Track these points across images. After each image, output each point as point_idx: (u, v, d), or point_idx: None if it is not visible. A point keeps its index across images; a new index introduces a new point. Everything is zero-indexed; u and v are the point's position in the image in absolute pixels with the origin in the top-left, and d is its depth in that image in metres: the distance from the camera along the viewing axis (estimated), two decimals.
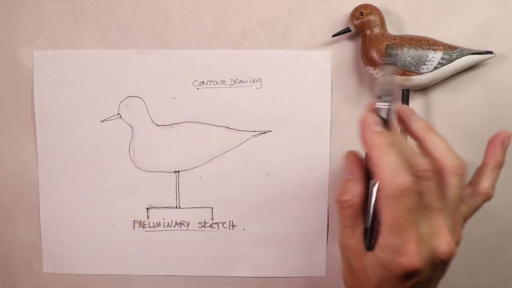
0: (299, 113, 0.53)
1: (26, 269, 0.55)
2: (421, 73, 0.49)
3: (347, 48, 0.53)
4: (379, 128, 0.36)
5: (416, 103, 0.53)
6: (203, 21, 0.53)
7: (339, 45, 0.53)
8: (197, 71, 0.53)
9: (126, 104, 0.53)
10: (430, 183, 0.36)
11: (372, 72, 0.50)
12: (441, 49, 0.49)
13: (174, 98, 0.53)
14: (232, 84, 0.53)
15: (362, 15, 0.49)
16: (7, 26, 0.52)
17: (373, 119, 0.37)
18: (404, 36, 0.49)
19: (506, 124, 0.53)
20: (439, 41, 0.49)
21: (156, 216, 0.54)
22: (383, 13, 0.50)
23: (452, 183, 0.37)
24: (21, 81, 0.53)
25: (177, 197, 0.54)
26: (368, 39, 0.50)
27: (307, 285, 0.55)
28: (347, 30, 0.51)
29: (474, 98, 0.53)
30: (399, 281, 0.35)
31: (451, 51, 0.49)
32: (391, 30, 0.51)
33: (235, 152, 0.54)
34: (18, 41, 0.53)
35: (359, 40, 0.51)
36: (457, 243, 0.37)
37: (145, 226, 0.54)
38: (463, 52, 0.49)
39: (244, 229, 0.54)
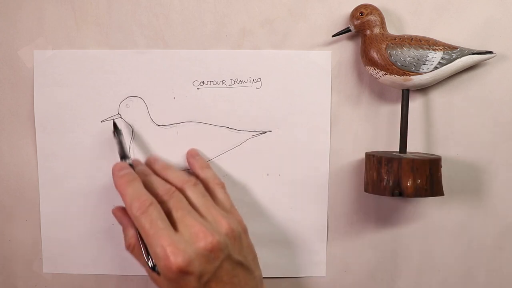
0: (299, 113, 0.53)
1: (26, 269, 0.55)
2: (421, 73, 0.49)
3: (347, 48, 0.53)
4: (122, 172, 0.46)
5: (416, 103, 0.53)
6: (203, 21, 0.53)
7: (339, 45, 0.53)
8: (197, 71, 0.53)
9: (126, 104, 0.53)
10: (176, 198, 0.45)
11: (372, 72, 0.50)
12: (441, 49, 0.49)
13: (174, 98, 0.53)
14: (232, 84, 0.53)
15: (362, 15, 0.49)
16: (7, 26, 0.52)
17: (118, 166, 0.47)
18: (404, 36, 0.49)
19: (506, 124, 0.53)
20: (439, 41, 0.49)
21: None
22: (383, 13, 0.50)
23: (219, 194, 0.49)
24: (21, 81, 0.53)
25: None
26: (368, 39, 0.50)
27: (307, 285, 0.55)
28: (347, 30, 0.51)
29: (474, 98, 0.53)
30: (185, 282, 0.42)
31: (451, 51, 0.49)
32: (391, 30, 0.51)
33: (235, 152, 0.54)
34: (18, 41, 0.53)
35: (359, 40, 0.51)
36: (226, 233, 0.44)
37: None
38: (463, 52, 0.49)
39: None
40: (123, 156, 0.49)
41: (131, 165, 0.49)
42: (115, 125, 0.52)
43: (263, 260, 0.55)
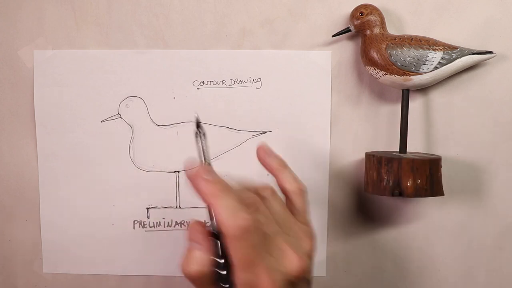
0: (299, 113, 0.53)
1: (26, 269, 0.55)
2: (421, 73, 0.49)
3: (347, 48, 0.53)
4: (209, 176, 0.38)
5: (416, 103, 0.53)
6: (203, 21, 0.53)
7: (339, 45, 0.53)
8: (197, 71, 0.53)
9: (126, 104, 0.53)
10: (263, 212, 0.38)
11: (372, 72, 0.50)
12: (441, 49, 0.49)
13: (174, 98, 0.53)
14: (232, 84, 0.53)
15: (362, 15, 0.49)
16: (7, 26, 0.52)
17: (202, 168, 0.38)
18: (404, 36, 0.49)
19: (506, 124, 0.53)
20: (439, 41, 0.49)
21: (156, 216, 0.54)
22: (383, 13, 0.50)
23: (298, 201, 0.42)
24: (21, 81, 0.53)
25: (177, 197, 0.54)
26: (368, 39, 0.50)
27: None
28: (347, 30, 0.51)
29: (474, 98, 0.53)
30: None
31: (451, 51, 0.49)
32: (391, 30, 0.51)
33: (235, 152, 0.54)
34: (18, 41, 0.53)
35: (359, 40, 0.51)
36: (309, 253, 0.39)
37: (145, 226, 0.54)
38: (463, 52, 0.49)
39: None
40: (205, 159, 0.41)
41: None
42: (198, 124, 0.42)
43: None
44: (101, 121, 0.53)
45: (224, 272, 0.37)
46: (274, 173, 0.44)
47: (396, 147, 0.53)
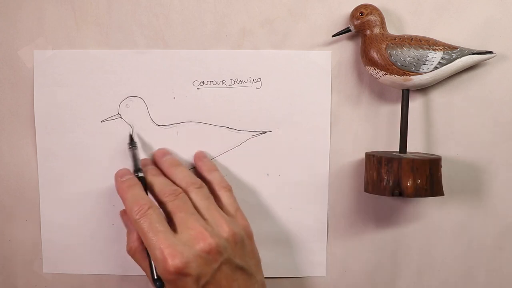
0: (299, 113, 0.53)
1: (26, 269, 0.55)
2: (421, 73, 0.49)
3: (347, 48, 0.53)
4: (124, 178, 0.48)
5: (416, 103, 0.53)
6: (203, 21, 0.53)
7: (339, 45, 0.53)
8: (197, 71, 0.53)
9: (126, 104, 0.53)
10: (182, 199, 0.46)
11: (372, 72, 0.50)
12: (441, 49, 0.49)
13: (174, 98, 0.53)
14: (232, 84, 0.53)
15: (362, 15, 0.49)
16: (7, 26, 0.52)
17: (120, 172, 0.50)
18: (404, 36, 0.49)
19: (506, 124, 0.53)
20: (439, 41, 0.49)
21: None
22: (383, 13, 0.50)
23: (224, 197, 0.49)
24: (21, 81, 0.53)
25: None
26: (368, 39, 0.50)
27: (307, 285, 0.55)
28: (347, 30, 0.51)
29: (474, 98, 0.53)
30: (183, 284, 0.42)
31: (451, 51, 0.49)
32: (391, 30, 0.51)
33: (235, 152, 0.54)
34: (18, 41, 0.53)
35: (359, 40, 0.51)
36: (226, 238, 0.45)
37: None
38: (463, 52, 0.49)
39: None
40: (136, 170, 0.49)
41: (140, 177, 0.49)
42: (131, 138, 0.52)
43: (263, 260, 0.55)
44: (101, 121, 0.53)
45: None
46: (204, 174, 0.51)
47: (396, 147, 0.53)
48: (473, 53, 0.49)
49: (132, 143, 0.52)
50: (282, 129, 0.53)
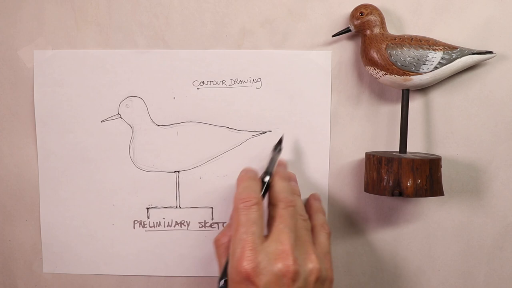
0: (299, 113, 0.53)
1: (26, 269, 0.55)
2: (421, 73, 0.49)
3: (347, 48, 0.53)
4: (248, 172, 0.48)
5: (416, 103, 0.53)
6: (203, 21, 0.53)
7: (339, 45, 0.53)
8: (197, 71, 0.53)
9: (126, 104, 0.53)
10: (290, 210, 0.45)
11: (372, 72, 0.50)
12: (441, 49, 0.49)
13: (174, 98, 0.53)
14: (232, 84, 0.53)
15: (362, 15, 0.49)
16: (7, 26, 0.52)
17: (248, 168, 0.50)
18: (404, 36, 0.49)
19: (506, 124, 0.53)
20: (439, 41, 0.49)
21: (156, 216, 0.54)
22: (383, 13, 0.50)
23: (321, 238, 0.48)
24: (21, 81, 0.53)
25: (177, 197, 0.54)
26: (368, 39, 0.50)
27: None
28: (347, 30, 0.51)
29: (474, 98, 0.53)
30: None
31: (451, 51, 0.49)
32: (391, 30, 0.51)
33: (235, 152, 0.54)
34: (18, 41, 0.53)
35: (359, 40, 0.51)
36: (308, 273, 0.43)
37: (145, 226, 0.54)
38: (463, 52, 0.49)
39: None
40: (267, 172, 0.48)
41: (264, 183, 0.47)
42: (280, 142, 0.51)
43: None
44: (101, 121, 0.53)
45: None
46: (311, 212, 0.50)
47: (396, 147, 0.53)
48: (473, 53, 0.49)
49: (278, 148, 0.51)
50: (282, 129, 0.53)
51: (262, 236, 0.43)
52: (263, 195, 0.47)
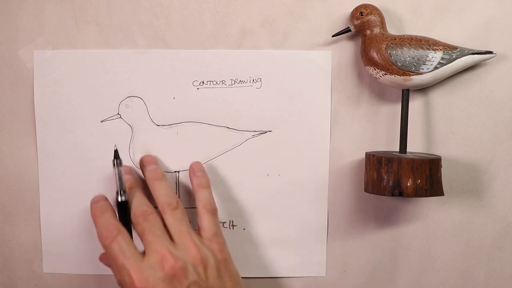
0: (299, 113, 0.53)
1: (26, 269, 0.55)
2: (421, 73, 0.49)
3: (347, 48, 0.53)
4: (98, 204, 0.48)
5: (416, 103, 0.53)
6: (203, 21, 0.53)
7: (339, 45, 0.53)
8: (197, 71, 0.53)
9: (126, 104, 0.53)
10: (150, 221, 0.47)
11: (372, 72, 0.50)
12: (441, 49, 0.49)
13: (174, 98, 0.53)
14: (232, 84, 0.53)
15: (362, 15, 0.49)
16: (7, 26, 0.52)
17: (95, 198, 0.49)
18: (404, 36, 0.49)
19: (506, 124, 0.53)
20: (439, 41, 0.49)
21: None
22: (383, 13, 0.50)
23: (205, 219, 0.49)
24: (21, 81, 0.53)
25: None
26: (368, 39, 0.50)
27: (307, 285, 0.55)
28: (347, 30, 0.51)
29: (474, 98, 0.53)
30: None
31: (451, 51, 0.49)
32: (391, 30, 0.51)
33: (235, 152, 0.54)
34: (18, 41, 0.53)
35: (359, 40, 0.51)
36: (191, 262, 0.45)
37: None
38: (463, 52, 0.49)
39: (244, 229, 0.54)
40: (119, 192, 0.48)
41: (122, 202, 0.48)
42: (116, 153, 0.49)
43: (263, 260, 0.55)
44: (101, 121, 0.53)
45: None
46: (194, 190, 0.51)
47: (396, 147, 0.53)
48: (473, 53, 0.49)
49: (117, 159, 0.49)
50: (282, 129, 0.53)
51: (139, 254, 0.45)
52: (123, 216, 0.48)
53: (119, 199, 0.48)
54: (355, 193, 0.54)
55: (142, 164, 0.52)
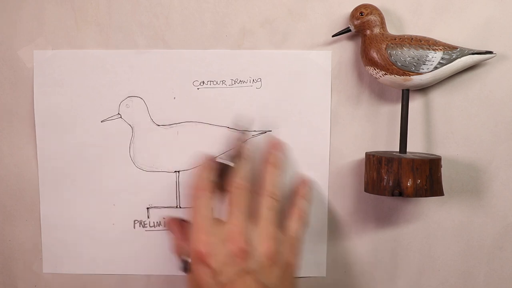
0: (299, 113, 0.53)
1: (26, 269, 0.55)
2: (421, 73, 0.49)
3: (347, 48, 0.53)
4: (206, 161, 0.49)
5: (416, 103, 0.53)
6: (203, 21, 0.53)
7: (339, 45, 0.53)
8: (197, 71, 0.53)
9: (126, 104, 0.53)
10: (238, 193, 0.46)
11: (372, 72, 0.50)
12: (441, 49, 0.49)
13: (174, 98, 0.53)
14: (232, 84, 0.53)
15: (362, 15, 0.49)
16: (7, 26, 0.52)
17: (209, 155, 0.50)
18: (404, 36, 0.49)
19: (506, 124, 0.53)
20: (439, 41, 0.49)
21: (156, 215, 0.54)
22: (383, 13, 0.50)
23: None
24: (21, 81, 0.53)
25: (177, 197, 0.54)
26: (368, 39, 0.50)
27: (307, 285, 0.55)
28: (347, 30, 0.51)
29: (474, 98, 0.53)
30: (202, 273, 0.43)
31: (451, 51, 0.49)
32: (391, 30, 0.51)
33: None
34: (18, 41, 0.53)
35: (359, 40, 0.51)
36: (268, 252, 0.45)
37: (145, 225, 0.54)
38: (463, 52, 0.49)
39: None
40: (229, 155, 0.50)
41: (227, 166, 0.49)
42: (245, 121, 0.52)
43: None
44: (101, 121, 0.53)
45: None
46: (295, 196, 0.51)
47: (396, 147, 0.53)
48: (473, 53, 0.49)
49: (243, 129, 0.51)
50: (282, 129, 0.53)
51: (218, 222, 0.45)
52: (222, 178, 0.48)
53: (226, 162, 0.49)
54: (355, 193, 0.54)
55: (269, 145, 0.52)
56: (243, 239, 0.44)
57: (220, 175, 0.49)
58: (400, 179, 0.48)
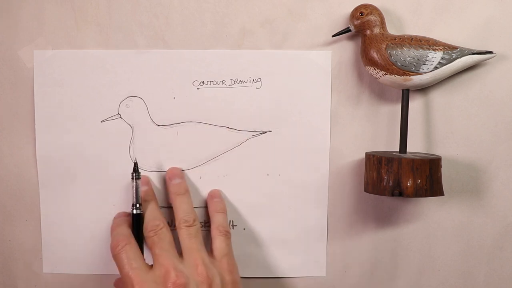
0: (299, 113, 0.53)
1: (26, 269, 0.55)
2: (421, 73, 0.49)
3: (347, 48, 0.53)
4: (117, 219, 0.52)
5: (416, 103, 0.53)
6: (203, 21, 0.53)
7: (339, 45, 0.53)
8: (197, 71, 0.53)
9: (126, 104, 0.53)
10: (159, 235, 0.48)
11: (372, 72, 0.50)
12: (441, 49, 0.49)
13: (174, 98, 0.53)
14: (232, 84, 0.53)
15: (362, 15, 0.49)
16: (7, 26, 0.52)
17: (117, 214, 0.53)
18: (404, 36, 0.49)
19: (506, 124, 0.53)
20: (439, 41, 0.49)
21: None
22: (383, 13, 0.50)
23: (217, 242, 0.50)
24: (21, 81, 0.53)
25: None
26: (368, 39, 0.50)
27: (307, 285, 0.55)
28: (347, 30, 0.51)
29: (474, 98, 0.53)
30: None
31: (451, 51, 0.49)
32: (391, 30, 0.51)
33: (235, 152, 0.54)
34: (18, 41, 0.53)
35: (359, 40, 0.51)
36: (197, 282, 0.46)
37: None
38: (463, 52, 0.49)
39: (244, 229, 0.54)
40: (134, 204, 0.51)
41: (137, 215, 0.50)
42: (135, 167, 0.51)
43: (263, 260, 0.55)
44: (101, 121, 0.53)
45: None
46: (210, 214, 0.52)
47: (396, 147, 0.53)
48: (473, 53, 0.49)
49: (136, 173, 0.51)
50: (282, 129, 0.53)
51: (145, 267, 0.46)
52: (137, 228, 0.50)
53: (134, 212, 0.50)
54: (355, 193, 0.54)
55: (168, 176, 0.53)
56: (175, 273, 0.45)
57: (136, 226, 0.50)
58: (400, 179, 0.48)
